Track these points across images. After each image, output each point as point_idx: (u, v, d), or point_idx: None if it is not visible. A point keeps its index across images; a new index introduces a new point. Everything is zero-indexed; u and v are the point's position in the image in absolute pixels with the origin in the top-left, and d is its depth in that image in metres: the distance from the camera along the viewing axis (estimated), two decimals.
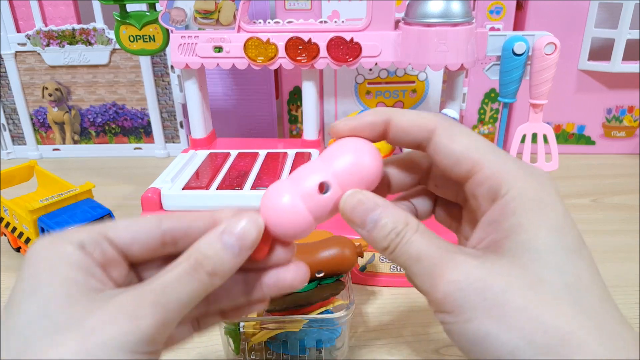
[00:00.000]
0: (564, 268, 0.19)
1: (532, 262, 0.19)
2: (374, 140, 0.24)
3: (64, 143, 0.80)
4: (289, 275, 0.23)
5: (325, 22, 0.57)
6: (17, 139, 0.80)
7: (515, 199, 0.20)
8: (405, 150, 0.25)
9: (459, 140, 0.21)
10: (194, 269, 0.20)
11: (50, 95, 0.76)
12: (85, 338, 0.17)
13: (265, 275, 0.23)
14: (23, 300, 0.18)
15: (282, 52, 0.53)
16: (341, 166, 0.22)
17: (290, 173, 0.52)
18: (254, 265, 0.23)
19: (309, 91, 0.58)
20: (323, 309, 0.36)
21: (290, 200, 0.22)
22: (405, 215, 0.21)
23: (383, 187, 0.25)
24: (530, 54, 0.52)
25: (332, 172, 0.22)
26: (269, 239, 0.22)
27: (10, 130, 0.79)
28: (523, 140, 0.56)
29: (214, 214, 0.23)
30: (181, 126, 0.79)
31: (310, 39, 0.52)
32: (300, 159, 0.56)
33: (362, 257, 0.38)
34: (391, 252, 0.21)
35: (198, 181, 0.50)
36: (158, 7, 0.55)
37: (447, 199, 0.26)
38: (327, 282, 0.36)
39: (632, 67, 0.69)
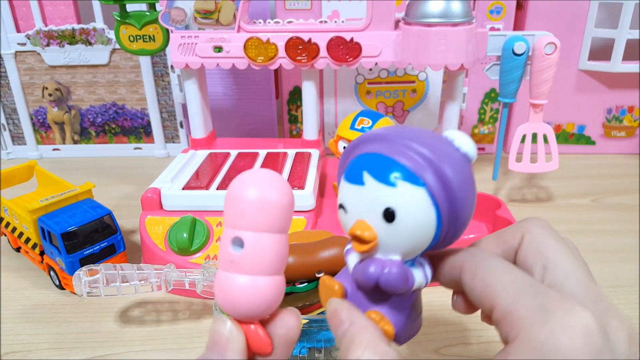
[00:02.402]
0: None
1: None
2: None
3: (63, 143, 0.80)
4: None
5: (325, 22, 0.57)
6: (17, 138, 0.80)
7: (518, 350, 0.17)
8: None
9: (479, 277, 0.20)
10: None
11: (50, 95, 0.76)
12: None
13: None
14: None
15: (282, 52, 0.53)
16: (239, 208, 0.19)
17: (289, 174, 0.52)
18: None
19: (309, 91, 0.58)
20: (323, 309, 0.36)
21: (222, 278, 0.20)
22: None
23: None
24: (530, 53, 0.52)
25: (234, 223, 0.20)
26: (256, 326, 0.20)
27: (10, 130, 0.79)
28: (523, 140, 0.56)
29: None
30: (181, 126, 0.79)
31: (310, 39, 0.52)
32: (300, 159, 0.56)
33: None
34: None
35: (198, 181, 0.50)
36: (158, 7, 0.55)
37: None
38: None
39: (632, 67, 0.69)
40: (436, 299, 0.45)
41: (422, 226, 0.20)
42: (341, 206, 0.21)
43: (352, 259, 0.22)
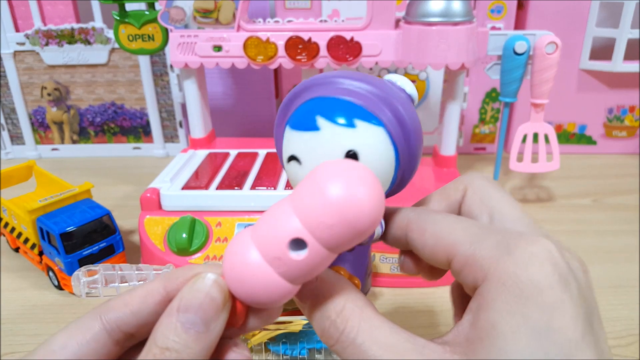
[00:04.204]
0: None
1: None
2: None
3: (62, 143, 0.80)
4: None
5: (325, 21, 0.57)
6: (16, 138, 0.80)
7: (490, 290, 0.16)
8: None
9: (430, 232, 0.19)
10: None
11: (49, 94, 0.75)
12: None
13: None
14: None
15: (281, 51, 0.53)
16: (320, 211, 0.16)
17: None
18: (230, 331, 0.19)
19: None
20: None
21: (253, 263, 0.16)
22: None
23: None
24: (531, 53, 0.51)
25: (307, 221, 0.16)
26: (244, 304, 0.18)
27: (9, 130, 0.79)
28: (524, 140, 0.56)
29: (165, 283, 0.19)
30: (180, 126, 0.79)
31: (310, 38, 0.52)
32: None
33: None
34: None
35: (197, 181, 0.50)
36: (157, 6, 0.54)
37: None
38: None
39: (633, 66, 0.69)
40: (435, 301, 0.45)
41: (383, 167, 0.19)
42: (292, 158, 0.20)
43: None
